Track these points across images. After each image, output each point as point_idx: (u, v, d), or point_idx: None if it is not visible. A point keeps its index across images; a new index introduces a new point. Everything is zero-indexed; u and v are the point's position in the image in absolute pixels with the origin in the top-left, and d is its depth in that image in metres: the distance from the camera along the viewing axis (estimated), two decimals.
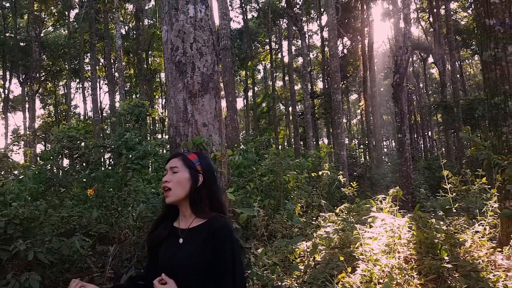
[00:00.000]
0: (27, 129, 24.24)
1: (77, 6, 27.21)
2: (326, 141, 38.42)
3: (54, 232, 4.36)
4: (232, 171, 8.81)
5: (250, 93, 37.17)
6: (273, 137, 29.04)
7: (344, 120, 33.17)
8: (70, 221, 5.06)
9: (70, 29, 29.08)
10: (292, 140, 32.72)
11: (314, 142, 25.93)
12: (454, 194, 5.57)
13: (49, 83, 35.41)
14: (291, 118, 31.76)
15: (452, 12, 23.18)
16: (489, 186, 5.82)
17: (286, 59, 32.59)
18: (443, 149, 17.94)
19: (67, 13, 29.10)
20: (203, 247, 1.54)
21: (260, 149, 12.52)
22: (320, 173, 9.70)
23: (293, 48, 32.46)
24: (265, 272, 3.81)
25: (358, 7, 25.16)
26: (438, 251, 3.76)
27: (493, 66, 4.57)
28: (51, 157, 7.91)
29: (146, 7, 30.28)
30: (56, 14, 29.98)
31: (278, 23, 32.71)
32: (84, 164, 8.43)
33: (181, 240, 1.61)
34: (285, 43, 32.31)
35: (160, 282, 1.51)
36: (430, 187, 10.35)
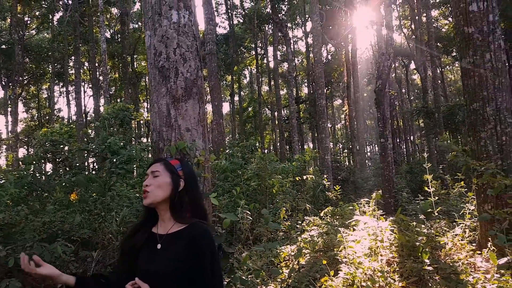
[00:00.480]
0: (9, 133, 23.77)
1: (62, 9, 26.84)
2: (311, 145, 38.67)
3: (36, 238, 4.29)
4: (217, 175, 8.80)
5: (236, 98, 37.21)
6: (259, 142, 29.10)
7: (329, 125, 33.46)
8: (52, 226, 4.99)
9: (53, 32, 28.68)
10: (278, 145, 32.83)
11: (300, 147, 26.08)
12: (436, 198, 5.68)
13: (32, 87, 34.81)
14: (276, 122, 31.88)
15: (433, 20, 23.67)
16: (466, 190, 5.96)
17: (271, 64, 32.77)
18: (425, 153, 18.23)
19: (50, 16, 28.70)
20: (182, 253, 1.52)
21: (246, 153, 12.53)
22: (304, 177, 9.77)
23: (279, 53, 32.67)
24: (249, 276, 3.82)
25: (341, 14, 25.50)
26: (420, 254, 3.83)
27: (472, 73, 4.69)
28: (34, 162, 7.78)
29: (131, 11, 30.08)
30: (39, 17, 29.53)
31: (264, 29, 32.88)
32: (67, 169, 8.31)
33: (159, 246, 1.58)
34: (270, 49, 32.47)
35: (134, 287, 1.47)
36: (412, 191, 10.50)
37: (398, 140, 34.15)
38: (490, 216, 4.10)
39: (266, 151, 35.38)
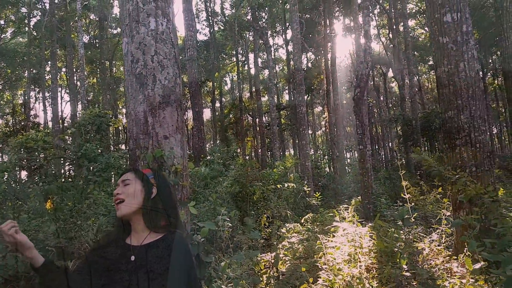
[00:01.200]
0: None
1: (40, 13, 26.29)
2: (292, 151, 38.86)
3: (9, 248, 4.15)
4: (198, 183, 8.73)
5: (217, 104, 37.13)
6: (240, 148, 29.07)
7: (310, 132, 33.74)
8: (26, 235, 4.84)
9: (30, 36, 28.06)
10: (259, 151, 32.85)
11: (281, 153, 26.18)
12: (413, 203, 5.77)
13: (7, 92, 33.90)
14: (258, 129, 31.94)
15: (410, 29, 24.25)
16: (441, 196, 6.07)
17: (252, 71, 32.90)
18: (403, 160, 18.58)
19: (27, 21, 28.07)
20: (157, 264, 1.49)
21: (227, 159, 12.50)
22: (286, 185, 9.79)
23: (260, 60, 32.83)
24: (229, 285, 3.78)
25: (321, 23, 25.83)
26: (398, 260, 3.87)
27: (447, 82, 4.80)
28: (8, 169, 7.56)
29: (110, 16, 29.74)
30: (16, 21, 28.85)
31: (245, 36, 33.02)
32: (43, 176, 8.10)
33: (132, 258, 1.53)
34: (251, 56, 32.63)
35: None
36: (390, 197, 10.63)
37: (376, 147, 34.70)
38: (462, 222, 4.18)
39: (247, 157, 35.35)
